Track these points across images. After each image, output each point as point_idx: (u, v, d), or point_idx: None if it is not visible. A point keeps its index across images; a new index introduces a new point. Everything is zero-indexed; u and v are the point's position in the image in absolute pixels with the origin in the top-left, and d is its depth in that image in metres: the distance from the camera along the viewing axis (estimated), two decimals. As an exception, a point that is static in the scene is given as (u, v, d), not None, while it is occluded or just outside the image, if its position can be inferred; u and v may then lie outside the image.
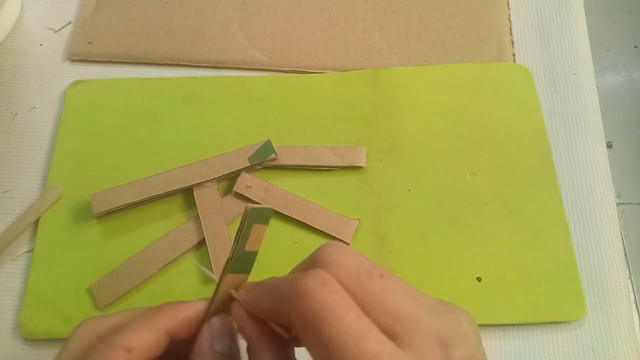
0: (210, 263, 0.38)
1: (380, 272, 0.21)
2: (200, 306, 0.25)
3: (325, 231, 0.39)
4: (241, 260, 0.24)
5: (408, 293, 0.21)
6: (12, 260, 0.40)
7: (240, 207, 0.40)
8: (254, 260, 0.24)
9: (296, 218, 0.40)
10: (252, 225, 0.23)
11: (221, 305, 0.24)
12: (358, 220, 0.40)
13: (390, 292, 0.20)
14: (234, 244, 0.23)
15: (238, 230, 0.23)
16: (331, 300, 0.19)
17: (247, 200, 0.40)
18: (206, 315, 0.24)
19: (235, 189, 0.40)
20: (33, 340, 0.37)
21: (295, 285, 0.20)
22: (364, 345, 0.18)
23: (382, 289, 0.20)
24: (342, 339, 0.18)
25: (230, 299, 0.24)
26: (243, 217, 0.23)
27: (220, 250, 0.39)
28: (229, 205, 0.40)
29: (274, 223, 0.40)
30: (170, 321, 0.24)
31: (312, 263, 0.22)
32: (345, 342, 0.18)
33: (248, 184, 0.40)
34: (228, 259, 0.24)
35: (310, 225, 0.40)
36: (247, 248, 0.23)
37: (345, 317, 0.19)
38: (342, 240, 0.39)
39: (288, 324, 0.21)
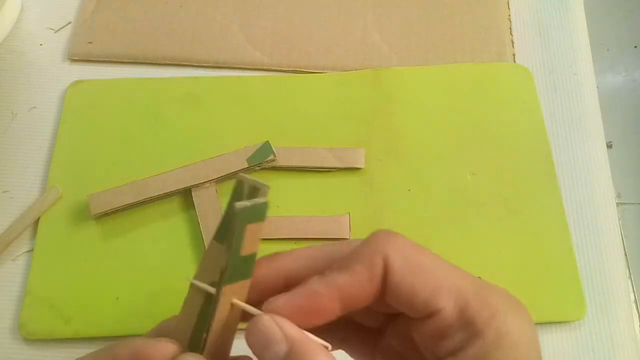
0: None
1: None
2: (170, 349, 0.20)
3: (321, 237, 0.39)
4: (240, 266, 0.20)
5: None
6: (12, 260, 0.40)
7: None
8: (254, 262, 0.21)
9: (290, 237, 0.40)
10: (245, 226, 0.20)
11: (222, 329, 0.21)
12: (348, 215, 0.40)
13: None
14: (227, 252, 0.20)
15: (219, 229, 0.20)
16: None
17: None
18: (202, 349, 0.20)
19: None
20: (33, 340, 0.37)
21: (381, 234, 0.20)
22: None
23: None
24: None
25: (231, 316, 0.21)
26: (228, 216, 0.20)
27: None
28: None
29: (271, 247, 0.40)
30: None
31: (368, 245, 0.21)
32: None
33: None
34: (222, 271, 0.20)
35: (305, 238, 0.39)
36: (243, 253, 0.20)
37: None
38: (341, 238, 0.39)
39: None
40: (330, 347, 0.20)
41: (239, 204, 0.19)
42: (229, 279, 0.20)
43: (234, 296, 0.21)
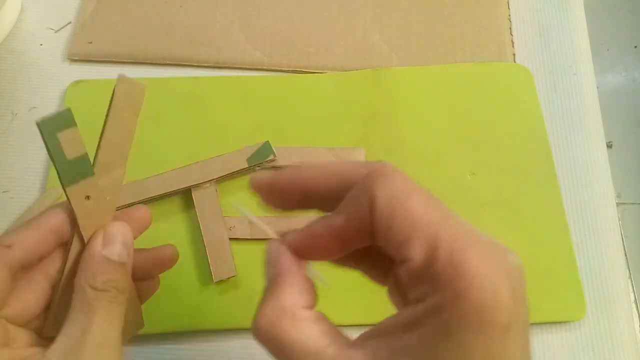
0: (209, 263, 0.38)
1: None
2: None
3: None
4: (72, 169, 0.24)
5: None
6: (12, 260, 0.40)
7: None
8: (89, 161, 0.24)
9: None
10: (55, 135, 0.23)
11: (85, 215, 0.25)
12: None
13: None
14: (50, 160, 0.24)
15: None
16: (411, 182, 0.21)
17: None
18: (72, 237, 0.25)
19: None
20: (33, 340, 0.37)
21: (375, 165, 0.21)
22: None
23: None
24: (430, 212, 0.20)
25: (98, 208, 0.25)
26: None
27: (219, 252, 0.39)
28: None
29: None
30: (52, 218, 0.26)
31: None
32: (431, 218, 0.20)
33: (231, 224, 0.40)
34: (57, 175, 0.24)
35: None
36: (69, 156, 0.23)
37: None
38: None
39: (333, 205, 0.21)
40: (327, 283, 0.22)
41: (41, 117, 0.22)
42: (67, 181, 0.24)
43: (85, 193, 0.25)
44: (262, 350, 0.22)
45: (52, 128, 0.23)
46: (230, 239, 0.39)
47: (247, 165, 0.41)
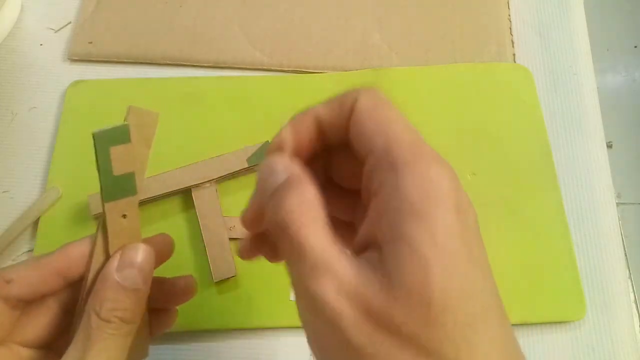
0: (209, 263, 0.38)
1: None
2: (85, 245, 0.25)
3: None
4: (117, 185, 0.23)
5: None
6: (12, 260, 0.40)
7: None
8: (134, 180, 0.23)
9: None
10: (108, 149, 0.22)
11: (116, 232, 0.24)
12: None
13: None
14: (98, 173, 0.23)
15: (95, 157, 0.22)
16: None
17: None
18: (106, 253, 0.24)
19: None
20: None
21: (364, 88, 0.22)
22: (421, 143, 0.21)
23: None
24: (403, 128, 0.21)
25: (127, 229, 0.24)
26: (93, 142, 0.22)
27: (219, 252, 0.39)
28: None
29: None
30: (58, 260, 0.25)
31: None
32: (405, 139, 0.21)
33: (231, 224, 0.40)
34: (100, 189, 0.23)
35: None
36: (116, 172, 0.23)
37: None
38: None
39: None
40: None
41: (98, 130, 0.22)
42: (108, 197, 0.23)
43: (123, 212, 0.24)
44: (262, 350, 0.22)
45: (106, 141, 0.22)
46: (230, 239, 0.39)
47: (247, 165, 0.41)
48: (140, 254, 0.24)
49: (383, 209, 0.19)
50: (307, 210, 0.20)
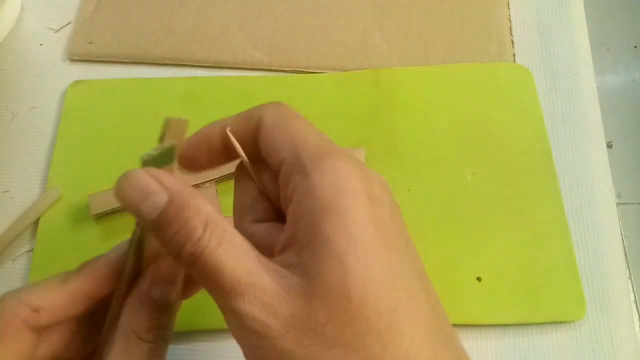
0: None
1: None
2: (112, 257, 0.24)
3: None
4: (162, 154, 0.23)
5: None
6: (12, 260, 0.40)
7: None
8: (174, 154, 0.23)
9: None
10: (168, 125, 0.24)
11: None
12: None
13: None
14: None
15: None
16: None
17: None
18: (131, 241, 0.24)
19: None
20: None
21: (272, 103, 0.23)
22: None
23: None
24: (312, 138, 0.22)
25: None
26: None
27: (220, 250, 0.39)
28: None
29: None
30: (85, 282, 0.23)
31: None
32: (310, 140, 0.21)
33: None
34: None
35: None
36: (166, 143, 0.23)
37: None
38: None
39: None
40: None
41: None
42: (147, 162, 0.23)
43: None
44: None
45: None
46: (230, 239, 0.39)
47: (247, 165, 0.41)
48: (172, 268, 0.24)
49: (299, 212, 0.20)
50: (212, 232, 0.19)
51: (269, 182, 0.23)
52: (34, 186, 0.42)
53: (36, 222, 0.41)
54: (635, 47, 1.35)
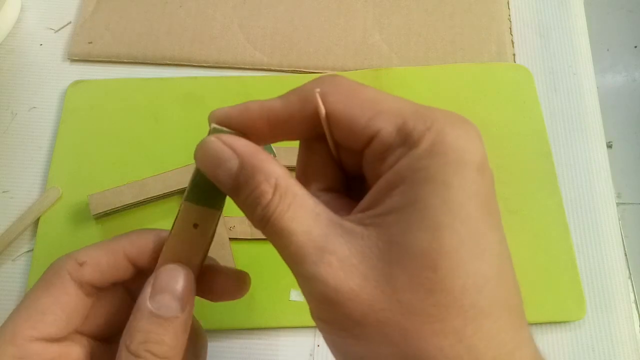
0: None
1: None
2: (162, 234, 0.25)
3: None
4: (205, 191, 0.22)
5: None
6: (12, 260, 0.40)
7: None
8: (225, 198, 0.22)
9: None
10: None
11: (180, 238, 0.23)
12: None
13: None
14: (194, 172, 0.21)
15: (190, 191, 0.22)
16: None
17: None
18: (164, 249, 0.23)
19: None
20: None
21: (326, 76, 0.21)
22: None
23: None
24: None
25: (192, 232, 0.22)
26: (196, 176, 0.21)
27: (219, 252, 0.39)
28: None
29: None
30: (129, 245, 0.24)
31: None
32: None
33: (231, 225, 0.40)
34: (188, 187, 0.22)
35: None
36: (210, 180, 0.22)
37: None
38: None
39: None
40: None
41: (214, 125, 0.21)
42: (189, 196, 0.23)
43: (196, 220, 0.23)
44: (262, 350, 0.22)
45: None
46: (230, 239, 0.39)
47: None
48: (174, 276, 0.22)
49: (396, 180, 0.19)
50: (281, 196, 0.19)
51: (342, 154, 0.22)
52: (34, 186, 0.42)
53: (36, 222, 0.41)
54: (635, 47, 1.35)
